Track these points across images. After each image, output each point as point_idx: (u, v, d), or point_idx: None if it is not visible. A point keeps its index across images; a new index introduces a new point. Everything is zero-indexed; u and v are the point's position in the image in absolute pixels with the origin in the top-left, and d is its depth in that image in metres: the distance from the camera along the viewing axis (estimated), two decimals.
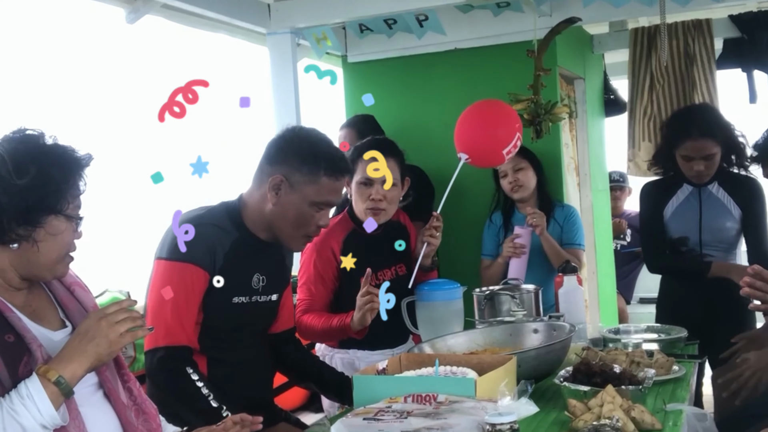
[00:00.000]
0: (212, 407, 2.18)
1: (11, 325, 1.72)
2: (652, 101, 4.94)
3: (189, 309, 2.27)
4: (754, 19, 4.76)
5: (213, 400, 2.19)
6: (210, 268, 2.29)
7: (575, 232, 3.77)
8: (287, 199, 2.36)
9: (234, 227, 2.39)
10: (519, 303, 3.07)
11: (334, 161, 2.39)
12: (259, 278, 2.45)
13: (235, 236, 2.37)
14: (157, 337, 2.25)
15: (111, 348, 1.71)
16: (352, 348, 3.04)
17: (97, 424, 1.81)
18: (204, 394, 2.20)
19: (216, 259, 2.31)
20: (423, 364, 2.34)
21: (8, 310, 1.74)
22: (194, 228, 2.19)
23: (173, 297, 2.10)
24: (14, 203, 1.69)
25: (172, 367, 2.24)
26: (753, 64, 4.85)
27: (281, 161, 2.38)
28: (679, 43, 4.84)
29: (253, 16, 4.04)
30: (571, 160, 4.64)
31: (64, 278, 1.93)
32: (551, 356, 2.49)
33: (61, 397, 1.66)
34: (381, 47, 4.57)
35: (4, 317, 1.72)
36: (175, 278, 2.24)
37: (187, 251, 2.16)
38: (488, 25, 4.34)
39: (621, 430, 1.79)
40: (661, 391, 2.34)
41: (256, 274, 2.44)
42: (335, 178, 2.39)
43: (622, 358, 2.50)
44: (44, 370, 1.65)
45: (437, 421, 1.83)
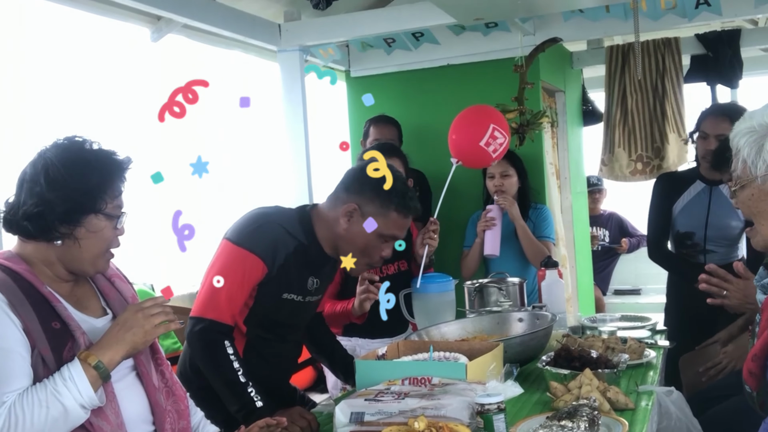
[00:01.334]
0: (239, 381, 2.15)
1: (57, 314, 1.72)
2: (626, 112, 4.94)
3: (241, 292, 2.24)
4: (718, 38, 4.76)
5: (242, 375, 2.16)
6: (269, 262, 2.26)
7: (545, 227, 3.76)
8: (357, 228, 2.30)
9: (303, 234, 2.34)
10: (505, 294, 3.07)
11: (405, 199, 2.35)
12: (313, 281, 2.41)
13: (302, 241, 2.34)
14: (206, 309, 2.21)
15: (146, 338, 1.73)
16: (354, 336, 3.04)
17: (129, 404, 1.81)
18: (235, 367, 2.16)
19: (277, 256, 2.27)
20: (419, 350, 2.34)
21: (55, 299, 1.73)
22: (263, 223, 2.28)
23: (230, 278, 2.11)
24: (58, 203, 1.70)
25: (210, 338, 2.21)
26: (716, 79, 4.85)
27: (357, 191, 2.34)
28: (650, 59, 4.84)
29: (265, 35, 4.05)
30: (551, 165, 4.63)
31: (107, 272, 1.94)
32: (535, 343, 2.50)
33: (100, 381, 1.66)
34: (381, 63, 4.57)
35: (51, 306, 1.72)
36: (237, 262, 2.22)
37: (253, 242, 2.24)
38: (478, 44, 4.35)
39: (597, 409, 1.79)
40: (634, 374, 2.34)
41: (311, 277, 2.41)
42: (404, 214, 2.35)
43: (599, 344, 2.50)
44: (85, 356, 1.66)
45: (432, 401, 1.83)
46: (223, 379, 2.18)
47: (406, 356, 2.29)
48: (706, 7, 3.82)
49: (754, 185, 1.51)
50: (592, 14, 4.04)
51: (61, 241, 1.74)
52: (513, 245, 3.69)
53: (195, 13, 3.55)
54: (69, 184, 1.71)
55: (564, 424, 1.69)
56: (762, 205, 1.51)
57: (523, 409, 2.05)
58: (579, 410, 1.74)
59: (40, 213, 1.70)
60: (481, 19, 3.73)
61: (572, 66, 5.11)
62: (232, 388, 2.16)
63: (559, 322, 2.95)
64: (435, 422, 1.68)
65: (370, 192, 2.32)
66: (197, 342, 2.23)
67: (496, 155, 3.25)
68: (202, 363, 2.23)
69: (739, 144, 1.54)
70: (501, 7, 3.50)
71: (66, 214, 1.72)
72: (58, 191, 1.70)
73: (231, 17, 3.80)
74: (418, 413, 1.76)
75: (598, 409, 1.79)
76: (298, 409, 2.17)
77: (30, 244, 1.76)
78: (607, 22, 4.13)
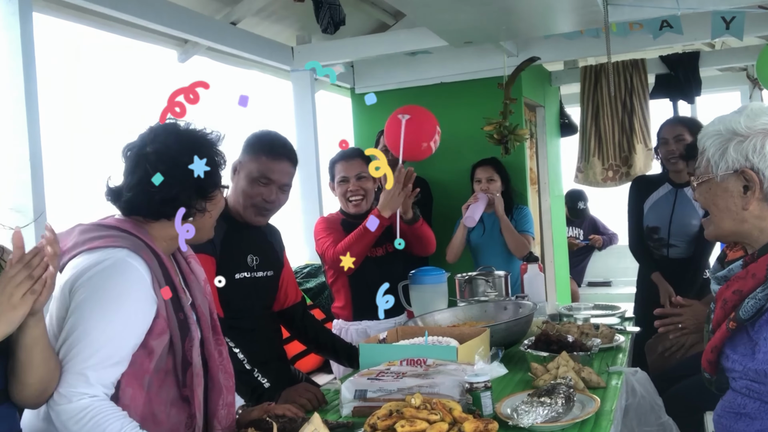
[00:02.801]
0: (246, 369, 2.15)
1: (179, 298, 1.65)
2: (599, 125, 4.94)
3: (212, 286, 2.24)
4: (679, 59, 4.77)
5: (247, 363, 2.16)
6: (212, 251, 2.27)
7: (525, 223, 3.76)
8: (240, 181, 2.35)
9: (224, 220, 2.30)
10: (492, 286, 3.07)
11: (271, 146, 2.37)
12: (252, 258, 2.41)
13: (225, 227, 2.33)
14: None
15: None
16: (365, 320, 3.02)
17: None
18: (240, 358, 2.16)
19: (215, 242, 2.27)
20: (415, 334, 2.34)
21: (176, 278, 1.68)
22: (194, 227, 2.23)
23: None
24: (191, 183, 1.59)
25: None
26: (678, 95, 4.86)
27: (241, 153, 2.41)
28: (620, 78, 4.84)
29: (279, 57, 4.05)
30: (530, 171, 4.64)
31: (184, 251, 1.81)
32: (518, 328, 2.49)
33: None
34: (382, 81, 4.58)
35: (177, 295, 1.65)
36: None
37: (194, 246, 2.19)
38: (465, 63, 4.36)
39: (573, 387, 1.79)
40: (605, 357, 2.34)
41: (249, 255, 2.40)
42: (272, 157, 2.35)
43: (574, 330, 2.50)
44: None
45: (426, 380, 1.83)
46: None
47: (404, 340, 2.29)
48: (669, 29, 3.82)
49: (714, 182, 1.52)
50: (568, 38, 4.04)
51: (193, 217, 1.65)
52: (499, 242, 3.69)
53: (218, 37, 3.56)
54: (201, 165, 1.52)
55: (543, 400, 1.69)
56: (717, 200, 1.53)
57: (507, 387, 2.04)
58: (557, 388, 1.75)
59: (176, 195, 1.59)
60: (471, 42, 3.73)
61: (551, 84, 5.11)
62: (240, 376, 2.13)
63: (539, 311, 2.95)
64: (429, 399, 1.68)
65: (245, 146, 2.40)
66: None
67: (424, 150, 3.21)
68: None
69: (705, 144, 1.55)
70: (487, 32, 3.50)
71: (199, 190, 1.64)
72: (187, 174, 1.48)
73: (249, 41, 3.81)
74: (414, 391, 1.76)
75: (573, 387, 1.79)
76: (303, 385, 2.17)
77: (151, 222, 1.65)
78: (581, 45, 4.13)
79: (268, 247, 2.50)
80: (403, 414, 1.61)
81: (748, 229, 1.51)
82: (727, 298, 1.50)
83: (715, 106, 5.79)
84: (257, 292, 2.43)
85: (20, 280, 1.29)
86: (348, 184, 3.01)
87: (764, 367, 1.40)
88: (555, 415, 1.65)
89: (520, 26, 3.42)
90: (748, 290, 1.46)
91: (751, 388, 1.46)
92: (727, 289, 1.51)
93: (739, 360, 1.47)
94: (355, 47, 4.07)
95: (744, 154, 1.47)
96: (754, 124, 1.47)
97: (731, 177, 1.49)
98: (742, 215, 1.50)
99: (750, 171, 1.46)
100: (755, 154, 1.46)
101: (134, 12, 3.01)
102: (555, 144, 5.18)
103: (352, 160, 3.03)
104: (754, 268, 1.47)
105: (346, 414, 1.85)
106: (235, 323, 2.32)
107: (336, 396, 2.05)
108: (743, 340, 1.47)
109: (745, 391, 1.48)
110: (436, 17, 3.19)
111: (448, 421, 1.60)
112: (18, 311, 1.29)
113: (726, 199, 1.51)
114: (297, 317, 2.60)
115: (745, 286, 1.47)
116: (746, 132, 1.47)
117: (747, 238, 1.53)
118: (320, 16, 2.74)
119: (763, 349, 1.41)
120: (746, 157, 1.46)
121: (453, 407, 1.65)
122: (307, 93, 4.18)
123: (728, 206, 1.51)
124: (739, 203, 1.49)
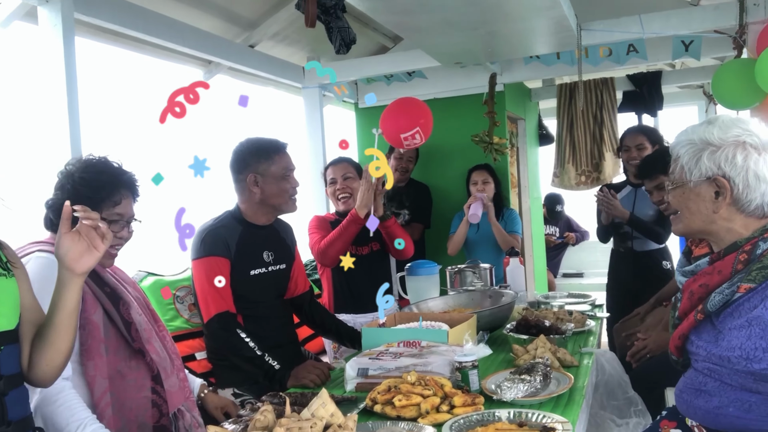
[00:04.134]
0: (257, 354, 2.16)
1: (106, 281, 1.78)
2: (573, 135, 4.95)
3: (224, 286, 2.22)
4: (643, 78, 4.77)
5: (258, 350, 2.17)
6: (227, 254, 2.27)
7: (513, 224, 3.77)
8: (266, 185, 2.33)
9: (239, 224, 2.35)
10: (478, 277, 3.07)
11: (276, 145, 2.37)
12: (268, 254, 2.40)
13: (240, 230, 2.33)
14: (209, 309, 2.22)
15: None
16: (343, 312, 2.98)
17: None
18: (251, 346, 2.17)
19: (230, 248, 2.28)
20: (411, 320, 2.34)
21: (104, 271, 1.80)
22: (206, 233, 2.26)
23: (211, 280, 2.09)
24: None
25: (228, 328, 2.21)
26: (642, 109, 4.86)
27: (244, 167, 2.35)
28: (591, 94, 4.85)
29: (292, 76, 4.05)
30: (512, 176, 4.64)
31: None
32: (501, 314, 2.50)
33: None
34: (383, 96, 4.55)
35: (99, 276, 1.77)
36: (210, 268, 2.22)
37: (209, 249, 2.24)
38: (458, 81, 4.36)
39: (549, 366, 1.79)
40: (578, 339, 2.34)
41: (264, 251, 2.40)
42: (281, 152, 2.37)
43: (551, 316, 2.50)
44: None
45: (421, 359, 1.84)
46: (244, 357, 2.18)
47: (401, 325, 2.29)
48: (635, 54, 3.83)
49: (687, 187, 1.49)
50: (546, 59, 4.05)
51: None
52: (490, 239, 3.71)
53: (238, 58, 3.57)
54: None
55: (524, 377, 1.70)
56: (690, 203, 1.50)
57: (491, 366, 2.05)
58: (535, 367, 1.75)
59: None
60: (460, 63, 3.74)
61: (531, 99, 5.11)
62: (253, 362, 2.16)
63: (520, 299, 2.96)
64: (423, 376, 1.68)
65: (254, 158, 2.34)
66: (219, 332, 2.23)
67: (406, 146, 3.08)
68: (227, 351, 2.24)
69: (679, 152, 1.52)
70: (474, 54, 3.51)
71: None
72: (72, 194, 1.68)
73: (266, 61, 3.82)
74: (410, 369, 1.77)
75: (550, 366, 1.79)
76: (310, 362, 2.17)
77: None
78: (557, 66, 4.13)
79: (281, 243, 2.50)
80: (400, 389, 1.62)
81: (716, 230, 1.49)
82: (693, 291, 1.49)
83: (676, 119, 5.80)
84: (272, 284, 2.44)
85: (92, 227, 1.41)
86: (336, 184, 3.02)
87: (727, 354, 1.40)
88: (534, 391, 1.66)
89: (503, 49, 3.43)
90: (714, 285, 1.44)
91: (712, 369, 1.46)
92: (694, 282, 1.50)
93: (704, 346, 1.47)
94: (359, 67, 4.07)
95: (717, 163, 1.44)
96: (727, 135, 1.44)
97: (704, 183, 1.47)
98: (711, 217, 1.47)
99: (722, 179, 1.43)
100: (727, 164, 1.43)
101: (165, 37, 3.02)
102: (534, 152, 5.18)
103: (339, 164, 3.08)
104: (720, 266, 1.45)
105: (350, 389, 1.86)
106: (250, 312, 2.33)
107: (341, 373, 2.06)
108: (707, 328, 1.47)
109: (706, 371, 1.49)
110: (430, 41, 3.20)
111: (440, 395, 1.60)
112: (98, 252, 1.40)
113: (698, 203, 1.48)
114: (305, 305, 2.60)
115: (711, 281, 1.45)
116: (719, 143, 1.45)
117: (714, 236, 1.51)
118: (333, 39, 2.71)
119: (726, 337, 1.41)
120: (719, 166, 1.44)
121: (444, 383, 1.65)
122: (317, 107, 4.19)
123: (699, 209, 1.48)
124: (710, 207, 1.47)
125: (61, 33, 2.43)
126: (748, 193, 1.43)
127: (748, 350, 1.37)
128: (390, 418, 1.56)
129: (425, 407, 1.55)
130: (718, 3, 3.30)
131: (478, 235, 3.77)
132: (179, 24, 3.14)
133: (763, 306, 1.36)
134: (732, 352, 1.39)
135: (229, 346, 2.21)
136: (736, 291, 1.40)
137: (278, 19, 3.73)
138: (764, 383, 1.38)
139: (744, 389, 1.42)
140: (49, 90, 2.45)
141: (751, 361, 1.36)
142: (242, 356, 2.18)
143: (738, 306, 1.41)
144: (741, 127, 1.45)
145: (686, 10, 3.34)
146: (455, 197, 4.14)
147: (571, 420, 1.47)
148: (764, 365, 1.35)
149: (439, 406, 1.57)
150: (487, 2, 2.62)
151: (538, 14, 2.81)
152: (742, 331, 1.39)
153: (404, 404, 1.56)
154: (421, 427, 1.47)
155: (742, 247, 1.43)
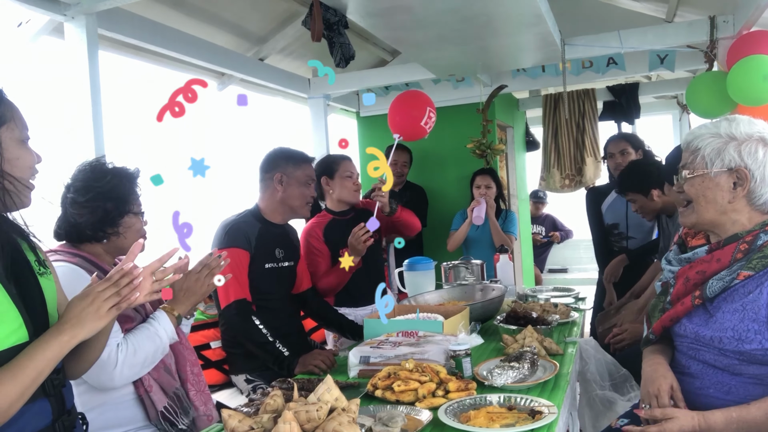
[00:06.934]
0: (269, 341, 2.16)
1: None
2: (557, 142, 4.95)
3: (242, 275, 2.25)
4: (622, 89, 4.77)
5: (270, 336, 2.17)
6: (248, 247, 2.29)
7: (510, 225, 3.77)
8: (289, 187, 2.37)
9: (258, 221, 2.37)
10: (471, 272, 3.07)
11: (304, 156, 2.44)
12: (279, 251, 2.41)
13: (259, 227, 2.35)
14: (229, 295, 2.23)
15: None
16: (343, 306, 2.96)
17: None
18: (264, 332, 2.17)
19: (250, 240, 2.30)
20: (409, 311, 2.34)
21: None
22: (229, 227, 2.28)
23: (232, 270, 2.14)
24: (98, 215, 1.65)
25: (244, 314, 2.21)
26: (621, 118, 4.87)
27: (274, 166, 2.40)
28: (574, 104, 4.85)
29: (298, 86, 4.05)
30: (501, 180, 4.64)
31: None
32: (492, 306, 2.50)
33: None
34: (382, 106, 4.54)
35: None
36: (231, 258, 2.20)
37: (232, 241, 2.25)
38: (451, 92, 4.35)
39: (537, 354, 1.79)
40: (563, 329, 2.34)
41: (276, 248, 2.41)
42: (309, 162, 2.44)
43: (538, 308, 2.50)
44: (170, 309, 1.72)
45: (418, 348, 1.83)
46: (257, 343, 2.18)
47: (400, 316, 2.29)
48: (614, 66, 3.84)
49: (707, 176, 1.47)
50: (532, 72, 4.05)
51: (107, 239, 1.68)
52: (487, 238, 3.71)
53: (249, 70, 3.57)
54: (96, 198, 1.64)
55: (513, 364, 1.69)
56: (707, 192, 1.47)
57: (483, 354, 2.05)
58: (523, 355, 1.75)
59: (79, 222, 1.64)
60: (453, 75, 3.74)
61: (518, 108, 5.11)
62: (265, 347, 2.15)
63: (509, 292, 2.95)
64: (420, 363, 1.68)
65: (283, 161, 2.40)
66: (235, 318, 2.23)
67: (428, 129, 2.97)
68: (241, 337, 2.24)
69: (699, 144, 1.49)
70: (467, 67, 3.51)
71: (105, 219, 1.66)
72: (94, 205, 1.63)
73: (274, 73, 3.82)
74: (408, 357, 1.77)
75: (537, 354, 1.79)
76: (316, 351, 2.17)
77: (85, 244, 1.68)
78: (543, 77, 4.13)
79: (291, 243, 2.51)
80: (399, 376, 1.61)
81: (724, 221, 1.47)
82: (690, 277, 1.48)
83: (651, 127, 5.80)
84: (282, 278, 2.44)
85: (108, 296, 1.22)
86: (353, 178, 2.85)
87: (719, 334, 1.40)
88: (522, 377, 1.65)
89: (493, 62, 3.43)
90: (711, 272, 1.44)
91: (698, 350, 1.46)
92: (690, 269, 1.49)
93: (692, 328, 1.47)
94: (360, 79, 4.07)
95: (741, 155, 1.43)
96: (752, 131, 1.44)
97: (724, 174, 1.45)
98: (725, 207, 1.46)
99: (744, 170, 1.43)
100: (750, 157, 1.43)
101: (182, 51, 3.02)
102: (521, 157, 5.18)
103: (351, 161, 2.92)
104: (719, 254, 1.44)
105: (353, 376, 1.85)
106: (264, 303, 2.33)
107: (344, 361, 2.06)
108: (698, 312, 1.47)
109: (691, 353, 1.48)
110: (425, 55, 3.20)
111: (436, 381, 1.60)
112: (101, 322, 1.20)
113: (715, 192, 1.46)
114: (309, 299, 2.60)
115: (709, 268, 1.45)
116: (744, 137, 1.44)
117: (720, 228, 1.49)
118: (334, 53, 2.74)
119: (719, 320, 1.41)
120: (742, 158, 1.43)
121: (440, 370, 1.65)
122: (321, 116, 4.19)
123: (716, 198, 1.46)
124: (726, 197, 1.45)
125: (86, 47, 2.43)
126: (762, 187, 1.43)
127: (740, 331, 1.37)
128: (390, 402, 1.56)
129: (422, 392, 1.55)
130: (691, 20, 3.31)
131: (478, 234, 3.78)
132: (195, 39, 3.14)
133: (758, 291, 1.37)
134: (724, 332, 1.40)
135: (243, 331, 2.21)
136: (735, 278, 1.40)
137: (286, 35, 3.73)
138: (748, 364, 1.38)
139: (726, 371, 1.42)
140: (75, 99, 2.45)
141: (742, 342, 1.37)
142: (255, 341, 2.18)
143: (733, 291, 1.41)
144: (760, 126, 1.46)
145: (661, 27, 3.35)
146: (450, 198, 4.15)
147: (556, 404, 1.47)
148: (755, 345, 1.35)
149: (435, 391, 1.57)
150: (479, 19, 2.62)
151: (525, 30, 2.81)
152: (735, 314, 1.39)
153: (403, 389, 1.56)
154: (419, 411, 1.47)
155: (743, 237, 1.43)
